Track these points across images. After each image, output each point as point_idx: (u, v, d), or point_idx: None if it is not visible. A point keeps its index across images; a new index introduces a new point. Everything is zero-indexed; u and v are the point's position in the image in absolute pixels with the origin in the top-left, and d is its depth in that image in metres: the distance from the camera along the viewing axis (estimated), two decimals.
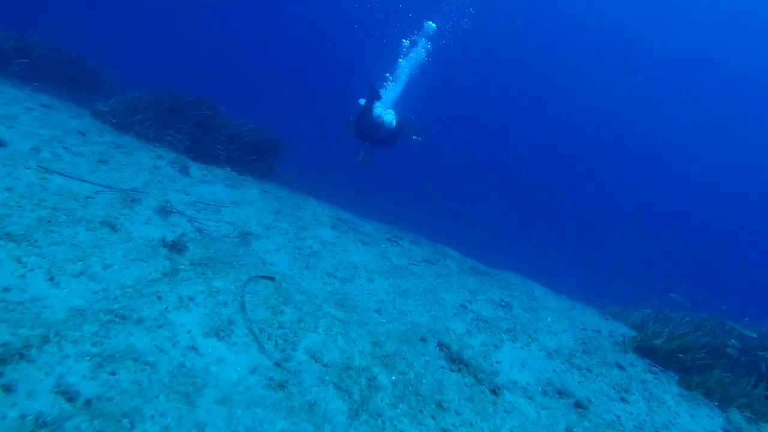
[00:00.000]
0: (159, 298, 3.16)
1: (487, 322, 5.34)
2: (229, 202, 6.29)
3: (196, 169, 7.05)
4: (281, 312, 3.48)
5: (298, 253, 5.35)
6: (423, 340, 4.36)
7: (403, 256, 7.03)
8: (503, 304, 6.40)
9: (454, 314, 5.25)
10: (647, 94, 38.46)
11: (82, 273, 3.15)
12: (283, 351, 3.15)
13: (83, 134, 6.67)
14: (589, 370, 5.08)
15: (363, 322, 4.26)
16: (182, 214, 5.07)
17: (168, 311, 3.09)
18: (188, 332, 2.99)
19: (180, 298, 3.25)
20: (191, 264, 3.77)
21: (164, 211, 4.88)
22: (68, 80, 9.49)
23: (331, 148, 10.66)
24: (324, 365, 3.16)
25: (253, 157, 8.65)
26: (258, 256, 4.78)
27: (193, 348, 2.89)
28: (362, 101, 9.48)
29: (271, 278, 4.06)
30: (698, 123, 38.75)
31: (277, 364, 3.03)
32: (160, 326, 2.93)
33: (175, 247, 4.20)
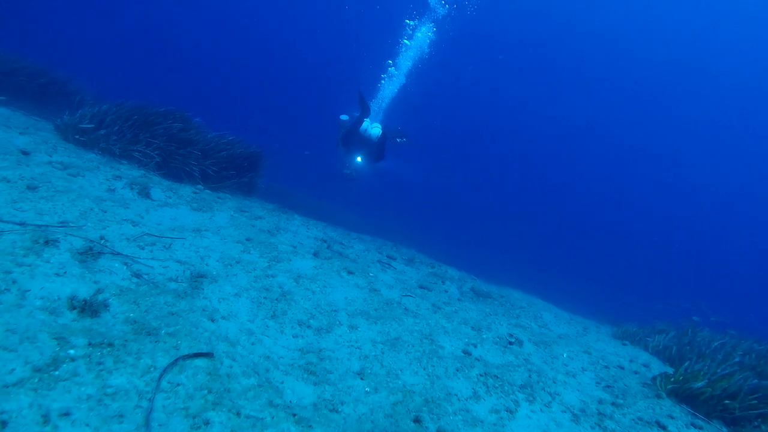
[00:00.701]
0: (3, 424, 1.91)
1: (497, 377, 4.07)
2: (192, 229, 5.02)
3: (159, 190, 5.78)
4: (207, 423, 2.22)
5: (264, 297, 4.08)
6: (417, 421, 3.10)
7: (396, 284, 5.75)
8: (512, 340, 5.13)
9: (457, 369, 3.97)
10: (646, 101, 36.63)
11: None
12: None
13: (26, 154, 5.40)
14: None
15: (338, 403, 2.99)
16: (117, 254, 3.80)
17: None
18: None
19: (45, 416, 2.00)
20: (90, 345, 2.50)
21: (90, 253, 3.61)
22: (35, 92, 8.22)
23: (325, 157, 9.43)
24: None
25: (231, 172, 7.37)
26: (207, 310, 3.50)
27: None
28: (344, 117, 8.57)
29: (207, 355, 2.79)
30: (699, 130, 36.82)
31: None
32: None
33: (88, 308, 2.94)
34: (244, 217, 6.14)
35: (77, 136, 6.75)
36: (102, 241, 3.90)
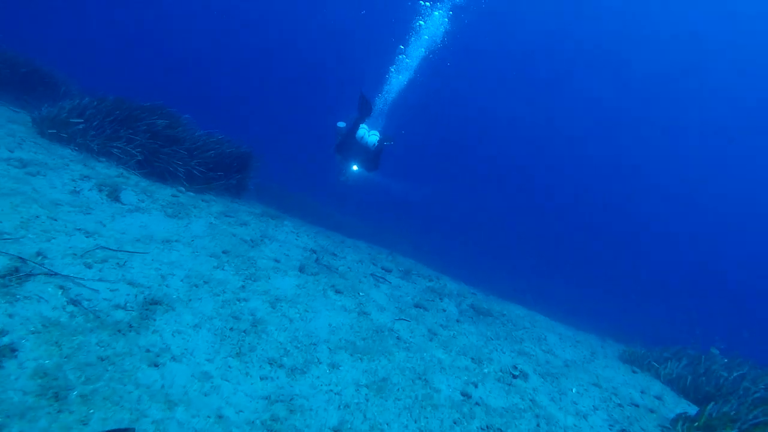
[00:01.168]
0: None
1: (501, 431, 3.30)
2: (160, 240, 4.24)
3: (131, 193, 5.00)
4: None
5: (231, 329, 3.30)
6: None
7: (390, 303, 4.98)
8: (516, 373, 4.36)
9: (454, 421, 3.20)
10: (649, 100, 34.72)
11: None
12: None
13: None
14: None
15: None
16: (54, 275, 3.04)
17: None
18: None
19: None
20: None
21: (16, 275, 2.85)
22: (19, 83, 7.45)
23: (323, 156, 8.66)
24: None
25: (219, 173, 6.60)
26: (152, 350, 2.74)
27: None
28: (341, 124, 7.88)
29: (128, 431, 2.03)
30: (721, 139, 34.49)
31: None
32: None
33: None
34: (225, 224, 5.37)
35: (52, 130, 5.99)
36: (38, 258, 3.14)
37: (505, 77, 35.37)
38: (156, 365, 2.63)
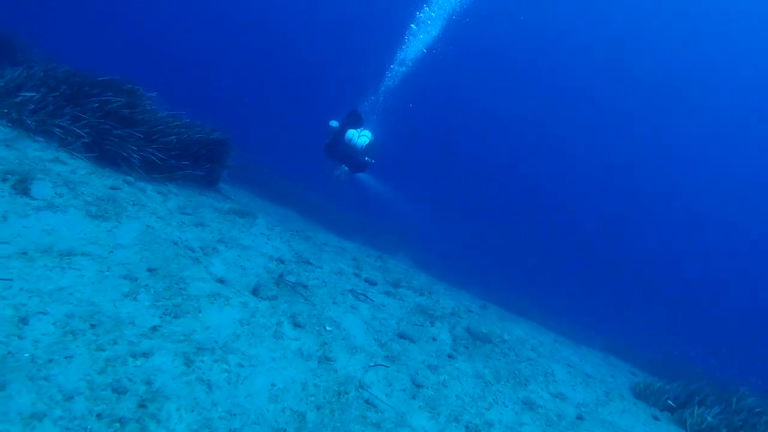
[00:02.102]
0: None
1: None
2: (59, 253, 2.88)
3: (48, 184, 3.63)
4: None
5: (99, 416, 1.96)
6: None
7: (367, 336, 3.62)
8: None
9: None
10: (653, 101, 31.76)
11: None
12: None
13: None
14: None
15: None
16: None
17: None
18: None
19: None
20: None
21: None
22: None
23: (318, 150, 7.25)
24: None
25: (184, 162, 5.19)
26: None
27: None
28: (334, 123, 6.62)
29: None
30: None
31: None
32: None
33: None
34: (174, 225, 4.00)
35: None
36: None
37: (506, 77, 32.93)
38: None
